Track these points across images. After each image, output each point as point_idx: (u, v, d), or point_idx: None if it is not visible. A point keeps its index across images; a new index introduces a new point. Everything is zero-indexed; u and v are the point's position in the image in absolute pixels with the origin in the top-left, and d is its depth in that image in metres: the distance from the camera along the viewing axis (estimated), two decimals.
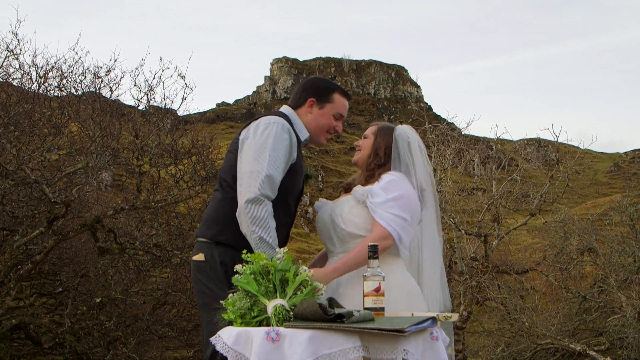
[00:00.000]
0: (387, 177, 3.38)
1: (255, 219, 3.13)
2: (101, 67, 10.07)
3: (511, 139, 15.59)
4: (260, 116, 3.41)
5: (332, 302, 2.75)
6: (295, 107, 3.55)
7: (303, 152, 3.60)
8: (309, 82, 3.62)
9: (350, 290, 3.19)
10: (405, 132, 3.51)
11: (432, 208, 3.50)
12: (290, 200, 3.41)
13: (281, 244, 3.33)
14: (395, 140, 3.48)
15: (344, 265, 3.17)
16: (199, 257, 3.32)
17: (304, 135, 3.50)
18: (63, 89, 10.10)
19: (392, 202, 3.26)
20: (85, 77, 10.04)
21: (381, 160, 3.46)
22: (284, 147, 3.28)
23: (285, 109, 3.56)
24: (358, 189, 3.37)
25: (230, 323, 2.69)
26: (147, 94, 10.08)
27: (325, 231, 3.45)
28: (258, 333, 2.52)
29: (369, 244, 2.93)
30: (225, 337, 2.60)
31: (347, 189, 3.53)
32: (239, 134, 3.41)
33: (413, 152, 3.46)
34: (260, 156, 3.22)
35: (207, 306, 3.17)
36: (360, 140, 3.64)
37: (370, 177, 3.45)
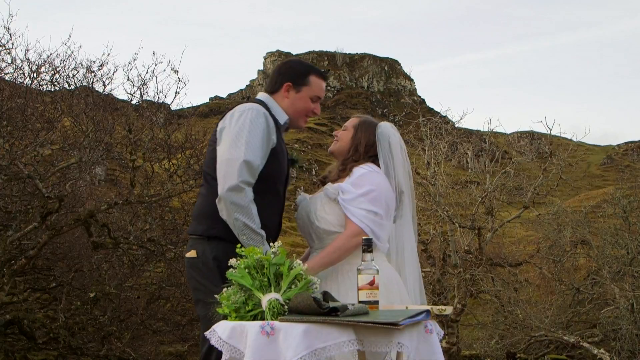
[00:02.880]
0: (357, 171, 3.38)
1: (236, 206, 3.10)
2: (94, 62, 10.02)
3: (504, 131, 15.64)
4: (235, 105, 3.38)
5: (326, 295, 2.74)
6: (271, 92, 3.49)
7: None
8: (284, 65, 3.55)
9: (327, 286, 3.19)
10: (387, 131, 3.49)
11: (409, 213, 3.49)
12: (278, 185, 3.38)
13: (275, 231, 3.33)
14: (378, 138, 3.46)
15: (318, 265, 3.18)
16: (191, 253, 3.30)
17: (283, 118, 3.44)
18: (56, 83, 10.05)
19: (362, 198, 3.27)
20: (77, 72, 10.00)
21: (360, 157, 3.45)
22: (260, 131, 3.24)
23: (261, 95, 3.50)
24: (329, 188, 3.37)
25: (225, 317, 2.69)
26: (140, 88, 10.04)
27: (304, 227, 3.47)
28: (253, 327, 2.51)
29: (363, 237, 2.92)
30: (220, 332, 2.60)
31: (324, 182, 3.53)
32: (217, 125, 3.38)
33: (394, 151, 3.45)
34: (237, 142, 3.19)
35: (202, 302, 3.17)
36: (339, 130, 3.61)
37: (343, 170, 3.45)
